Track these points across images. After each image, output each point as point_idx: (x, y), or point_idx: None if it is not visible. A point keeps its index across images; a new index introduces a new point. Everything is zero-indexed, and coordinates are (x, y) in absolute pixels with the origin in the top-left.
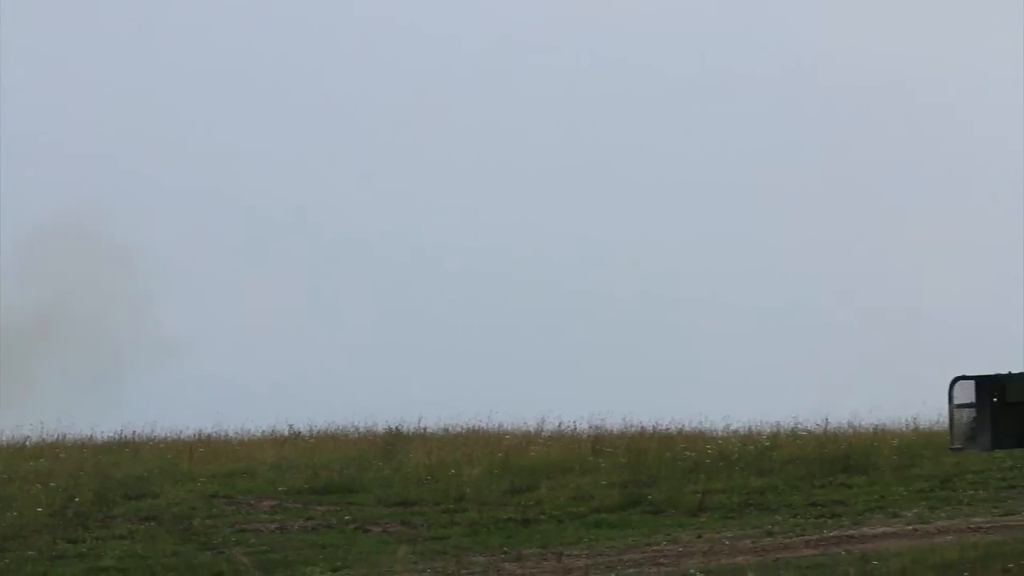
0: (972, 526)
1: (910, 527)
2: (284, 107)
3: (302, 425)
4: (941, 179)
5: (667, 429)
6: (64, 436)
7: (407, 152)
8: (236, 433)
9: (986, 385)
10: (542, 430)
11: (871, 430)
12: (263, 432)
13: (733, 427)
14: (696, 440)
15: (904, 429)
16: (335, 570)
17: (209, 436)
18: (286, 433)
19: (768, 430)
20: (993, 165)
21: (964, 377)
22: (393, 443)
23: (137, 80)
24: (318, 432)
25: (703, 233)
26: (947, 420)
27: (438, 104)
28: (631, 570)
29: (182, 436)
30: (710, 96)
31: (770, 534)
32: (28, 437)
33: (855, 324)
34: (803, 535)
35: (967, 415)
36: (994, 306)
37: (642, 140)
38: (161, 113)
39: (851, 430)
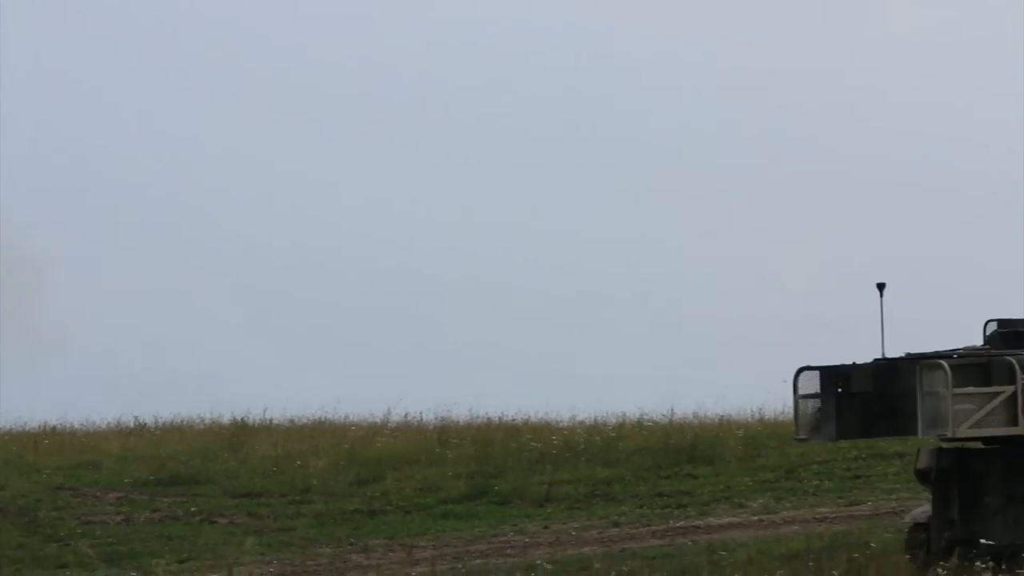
0: (817, 516)
1: (756, 517)
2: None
3: (148, 417)
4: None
5: (513, 420)
6: None
7: (258, 141)
8: (81, 425)
9: (831, 376)
10: (388, 421)
11: (717, 421)
12: (109, 424)
13: (579, 418)
14: (542, 431)
15: (750, 420)
16: (181, 562)
17: (54, 428)
18: (132, 425)
19: (614, 421)
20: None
21: (809, 368)
22: (239, 435)
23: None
24: (164, 424)
25: (548, 222)
26: (792, 410)
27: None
28: (478, 561)
29: (27, 428)
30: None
31: (616, 524)
32: None
33: (700, 314)
34: (649, 525)
35: (812, 405)
36: (839, 297)
37: (474, 123)
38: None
39: (697, 421)
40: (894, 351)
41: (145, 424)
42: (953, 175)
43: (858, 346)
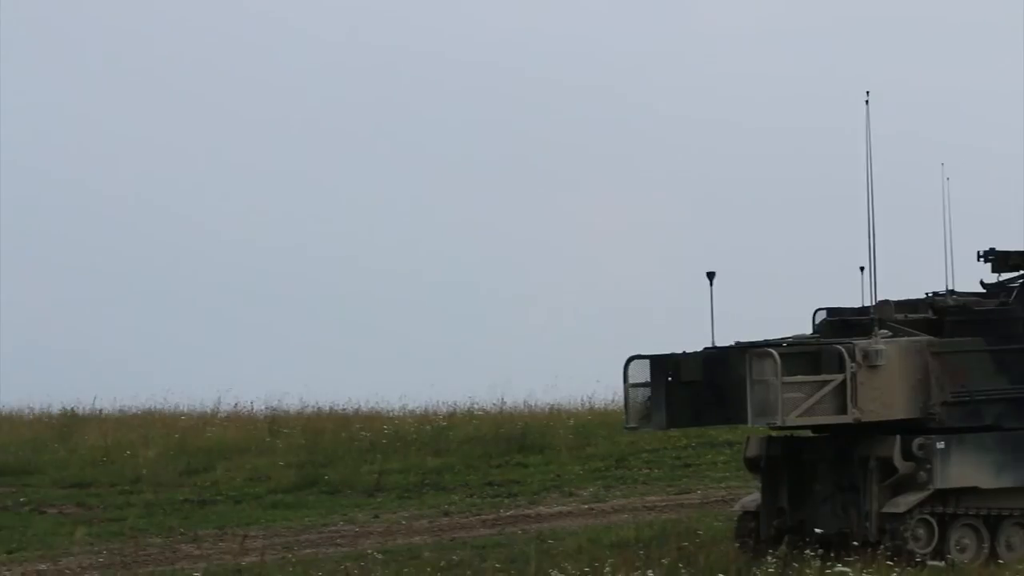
0: (647, 505)
1: (586, 506)
2: None
3: None
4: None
5: (344, 410)
6: None
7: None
8: None
9: (660, 364)
10: (218, 411)
11: (547, 410)
12: None
13: (410, 407)
14: (373, 420)
15: (580, 408)
16: (10, 552)
17: None
18: None
19: (445, 410)
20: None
21: (639, 357)
22: (69, 425)
23: None
24: None
25: (375, 210)
26: (622, 399)
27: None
28: (308, 550)
29: None
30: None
31: (447, 514)
32: None
33: (531, 304)
34: (480, 515)
35: (642, 394)
36: (667, 287)
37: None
38: None
39: (527, 410)
40: (724, 340)
41: None
42: (781, 166)
43: (689, 335)
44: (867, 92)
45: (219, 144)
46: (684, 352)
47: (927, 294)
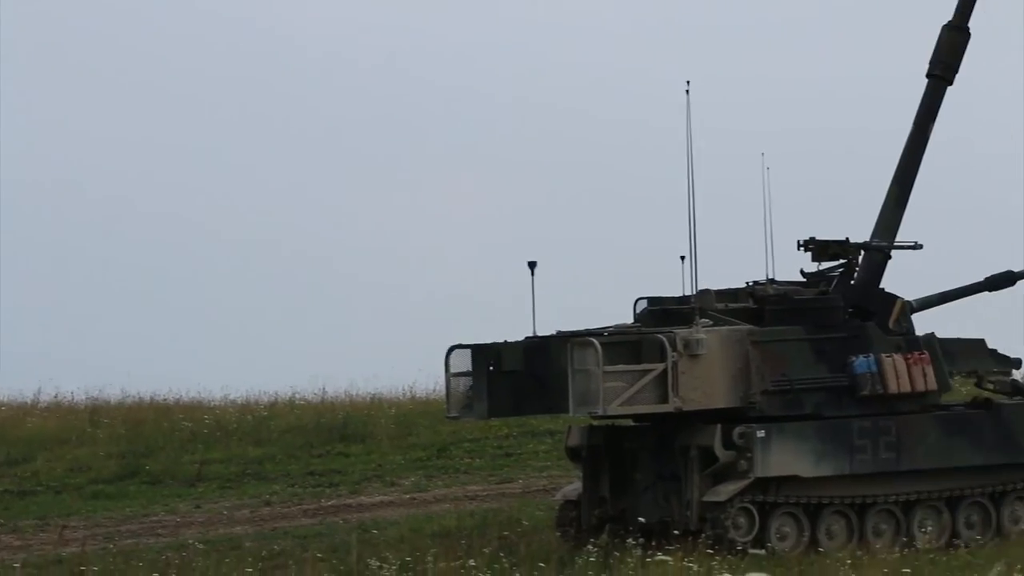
0: (469, 494)
1: (408, 496)
2: None
3: None
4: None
5: (165, 400)
6: None
7: None
8: None
9: (482, 353)
10: (38, 401)
11: (368, 399)
12: None
13: (231, 397)
14: (194, 410)
15: (401, 398)
16: None
17: None
18: None
19: (266, 400)
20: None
21: (461, 346)
22: None
23: None
24: None
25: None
26: (444, 388)
27: None
28: (129, 540)
29: None
30: None
31: (268, 504)
32: None
33: (352, 293)
34: (301, 504)
35: (464, 384)
36: (490, 277)
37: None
38: None
39: (349, 399)
40: (546, 329)
41: None
42: (603, 157)
43: (511, 325)
44: (687, 82)
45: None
46: (505, 341)
47: (748, 283)
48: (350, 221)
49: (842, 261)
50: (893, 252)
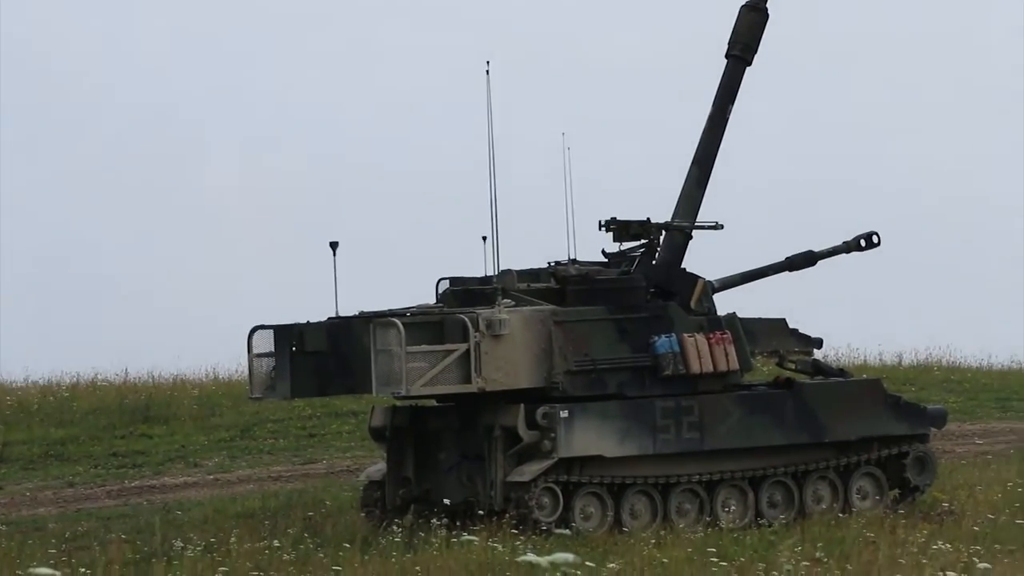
0: (273, 475)
1: (211, 476)
2: None
3: None
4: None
5: None
6: None
7: None
8: None
9: (285, 334)
10: None
11: (171, 380)
12: None
13: (33, 378)
14: None
15: (204, 379)
16: None
17: None
18: None
19: (68, 380)
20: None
21: (263, 327)
22: None
23: None
24: None
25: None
26: (247, 369)
27: None
28: None
29: None
30: None
31: (72, 485)
32: None
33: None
34: (104, 485)
35: (267, 364)
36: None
37: None
38: None
39: (152, 380)
40: (349, 310)
41: None
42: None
43: (313, 305)
44: (487, 62)
45: None
46: (308, 322)
47: (550, 263)
48: (154, 202)
49: (643, 241)
50: (694, 232)
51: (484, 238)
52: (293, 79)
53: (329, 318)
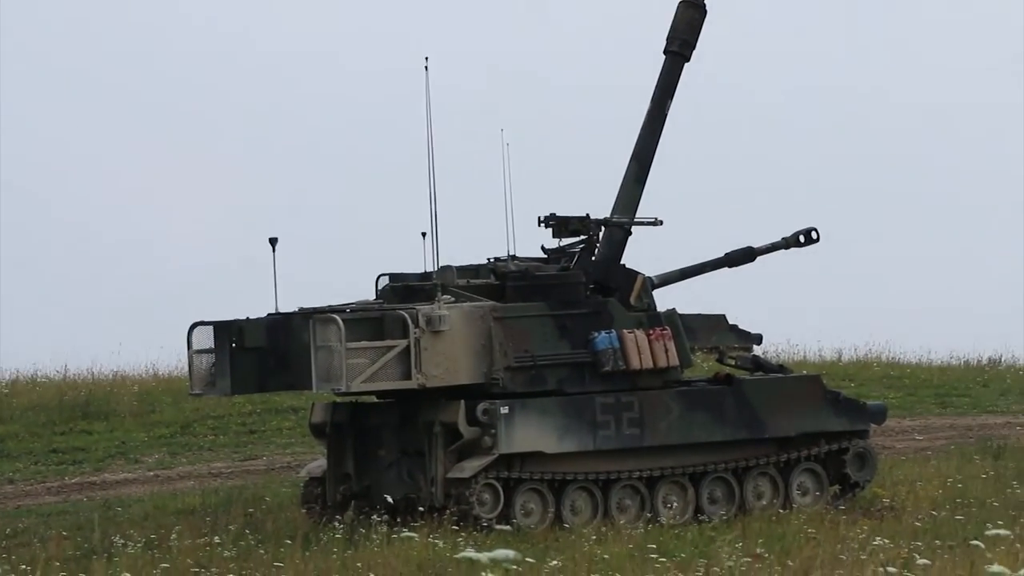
0: (213, 471)
1: (151, 473)
2: None
3: None
4: (179, 129)
5: None
6: None
7: None
8: None
9: (224, 330)
10: None
11: (111, 376)
12: None
13: None
14: None
15: (144, 375)
16: None
17: None
18: None
19: (7, 377)
20: (222, 117)
21: (203, 323)
22: None
23: None
24: None
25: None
26: (187, 365)
27: None
28: None
29: None
30: None
31: (11, 482)
32: None
33: (94, 268)
34: (44, 482)
35: (207, 360)
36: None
37: None
38: None
39: (91, 377)
40: (288, 306)
41: None
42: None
43: (253, 301)
44: (426, 58)
45: None
46: (247, 318)
47: (489, 260)
48: (89, 198)
49: (583, 237)
50: (634, 228)
51: (424, 234)
52: (235, 70)
53: (269, 314)
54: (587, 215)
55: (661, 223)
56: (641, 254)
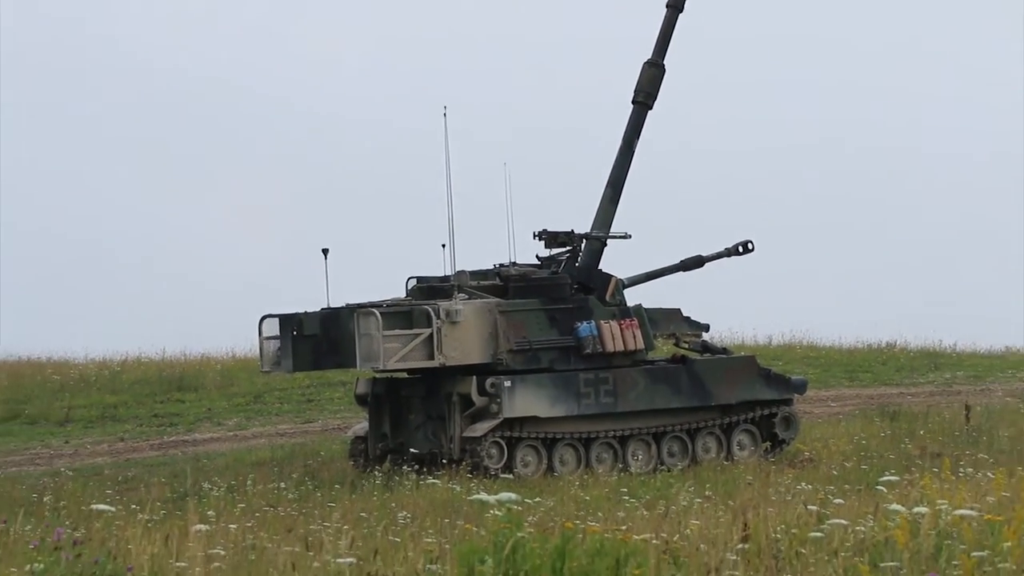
0: (279, 432)
1: (231, 433)
2: None
3: None
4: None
5: (39, 358)
6: None
7: None
8: None
9: (287, 321)
10: None
11: (199, 357)
12: None
13: (91, 356)
14: (62, 366)
15: (225, 356)
16: None
17: None
18: None
19: (119, 357)
20: (280, 148)
21: (270, 315)
22: None
23: None
24: None
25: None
26: (258, 349)
27: None
28: (14, 469)
29: None
30: None
31: (122, 440)
32: None
33: (184, 275)
34: (148, 440)
35: (273, 345)
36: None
37: None
38: None
39: (184, 357)
40: (337, 302)
41: None
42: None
43: (309, 298)
44: (444, 107)
45: None
46: (306, 312)
47: (495, 265)
48: (176, 222)
49: (568, 248)
50: (609, 241)
51: (443, 245)
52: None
53: (322, 308)
54: (572, 230)
55: (630, 236)
56: (615, 260)
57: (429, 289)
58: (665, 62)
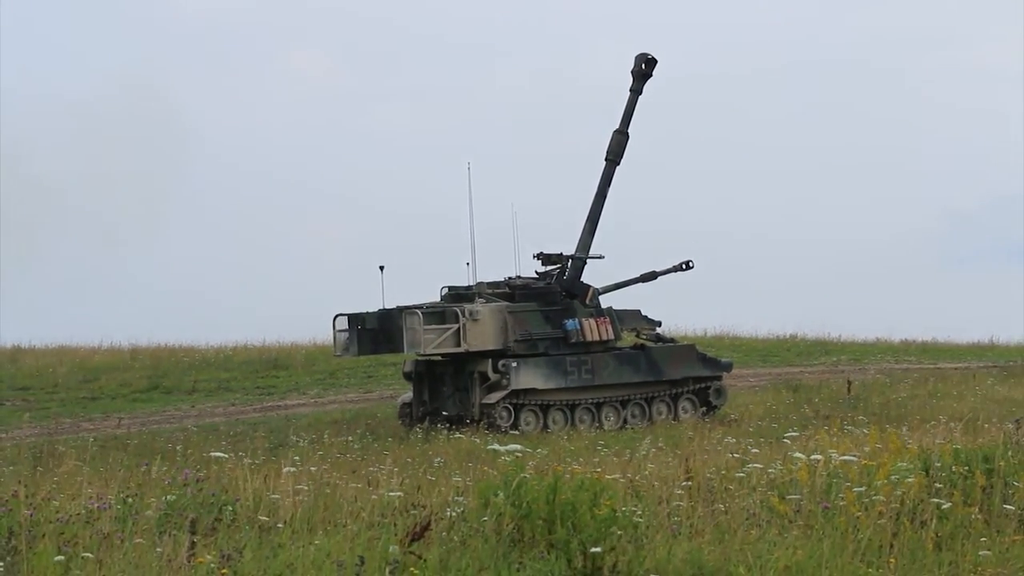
0: (348, 400)
1: (313, 400)
2: None
3: None
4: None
5: (175, 345)
6: None
7: None
8: None
9: (353, 318)
10: (100, 346)
11: (289, 344)
12: None
13: (210, 343)
14: (190, 352)
15: (309, 344)
16: None
17: None
18: None
19: (230, 345)
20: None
21: (341, 314)
22: (13, 355)
23: None
24: None
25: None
26: (332, 338)
27: None
28: (155, 426)
29: None
30: None
31: (233, 404)
32: None
33: (278, 284)
34: (252, 405)
35: (344, 336)
36: (353, 276)
37: None
38: None
39: (278, 343)
40: (390, 304)
41: None
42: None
43: (370, 301)
44: (468, 163)
45: None
46: (367, 312)
47: (506, 278)
48: (278, 246)
49: (559, 265)
50: (588, 260)
51: (468, 263)
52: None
53: (379, 309)
54: (561, 253)
55: (603, 257)
56: (592, 274)
57: (457, 295)
58: (629, 130)
